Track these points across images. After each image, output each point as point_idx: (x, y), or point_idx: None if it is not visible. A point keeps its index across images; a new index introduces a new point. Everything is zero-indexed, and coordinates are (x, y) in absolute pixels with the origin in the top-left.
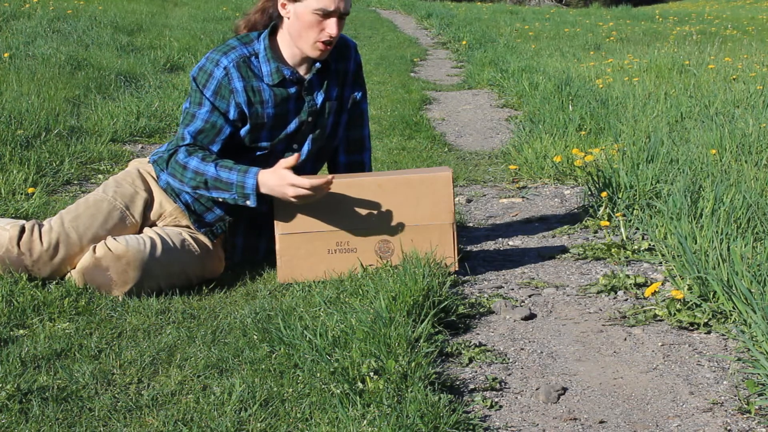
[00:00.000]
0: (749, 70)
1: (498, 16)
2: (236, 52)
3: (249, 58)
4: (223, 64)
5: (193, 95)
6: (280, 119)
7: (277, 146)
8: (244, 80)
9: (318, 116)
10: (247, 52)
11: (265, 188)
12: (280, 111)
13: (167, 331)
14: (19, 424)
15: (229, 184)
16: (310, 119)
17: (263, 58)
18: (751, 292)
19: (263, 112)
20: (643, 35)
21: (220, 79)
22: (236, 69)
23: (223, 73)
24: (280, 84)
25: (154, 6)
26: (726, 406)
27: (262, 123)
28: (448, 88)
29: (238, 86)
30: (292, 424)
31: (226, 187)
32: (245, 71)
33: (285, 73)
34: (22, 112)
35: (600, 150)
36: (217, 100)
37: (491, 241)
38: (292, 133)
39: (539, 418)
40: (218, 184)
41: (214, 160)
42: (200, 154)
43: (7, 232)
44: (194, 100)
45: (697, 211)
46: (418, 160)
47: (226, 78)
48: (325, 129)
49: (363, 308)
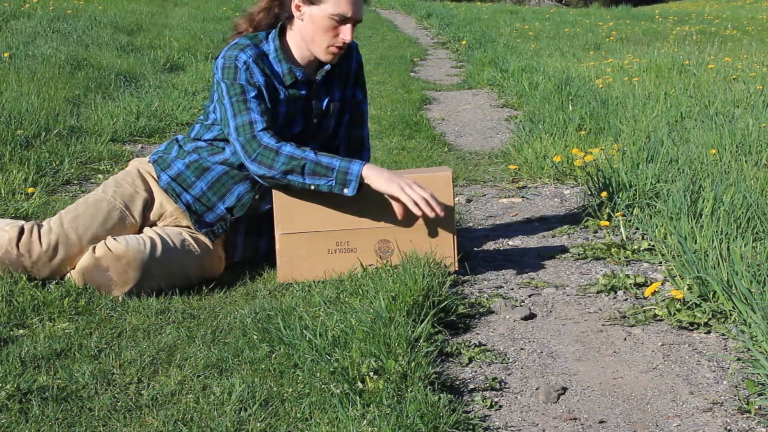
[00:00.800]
0: (749, 70)
1: (498, 16)
2: (251, 50)
3: (262, 57)
4: (243, 59)
5: (232, 89)
6: (289, 119)
7: None
8: (265, 76)
9: (323, 118)
10: (259, 51)
11: (372, 177)
12: (290, 111)
13: (167, 331)
14: (19, 424)
15: (330, 169)
16: (315, 120)
17: (274, 59)
18: (751, 292)
19: (277, 109)
20: (643, 35)
21: (244, 71)
22: (255, 64)
23: (245, 66)
24: (293, 85)
25: (154, 6)
26: (726, 406)
27: (273, 122)
28: (448, 88)
29: (260, 80)
30: (292, 424)
31: (325, 172)
32: (262, 67)
33: (297, 74)
34: (22, 112)
35: (600, 150)
36: (253, 88)
37: (491, 241)
38: (297, 135)
39: (539, 418)
40: (318, 168)
41: (311, 149)
42: (292, 143)
43: (7, 234)
44: (235, 92)
45: (696, 210)
46: (418, 160)
47: (248, 72)
48: (328, 130)
49: (363, 308)
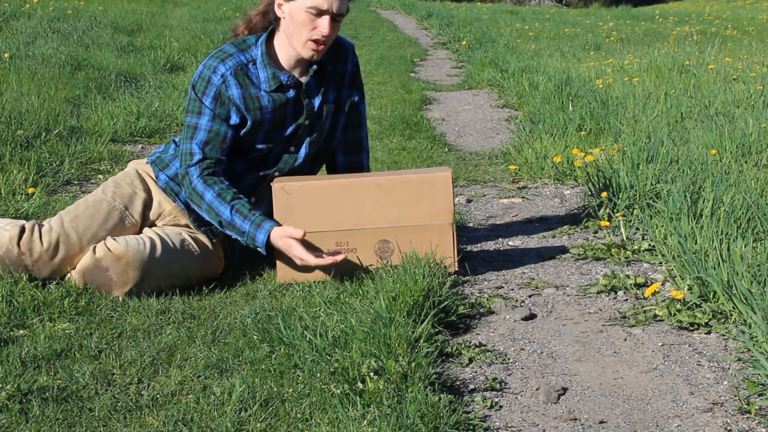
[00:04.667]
0: (749, 70)
1: (498, 17)
2: (233, 60)
3: (246, 65)
4: (221, 72)
5: (191, 104)
6: (278, 123)
7: (275, 149)
8: (241, 88)
9: (315, 119)
10: (244, 59)
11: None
12: (278, 115)
13: (167, 331)
14: (19, 424)
15: (241, 232)
16: (307, 122)
17: (260, 64)
18: (751, 293)
19: (261, 117)
20: (643, 35)
21: (218, 86)
22: (233, 77)
23: (221, 81)
24: (278, 89)
25: (154, 6)
26: (726, 406)
27: (260, 127)
28: (448, 88)
29: (235, 93)
30: (292, 424)
31: (238, 233)
32: (242, 79)
33: (282, 78)
34: (22, 112)
35: (600, 150)
36: (217, 108)
37: (491, 241)
38: (290, 136)
39: (539, 418)
40: (232, 229)
41: (230, 201)
42: (216, 188)
43: (7, 232)
44: (194, 109)
45: (697, 211)
46: (418, 160)
47: (224, 85)
48: (323, 131)
49: (363, 308)
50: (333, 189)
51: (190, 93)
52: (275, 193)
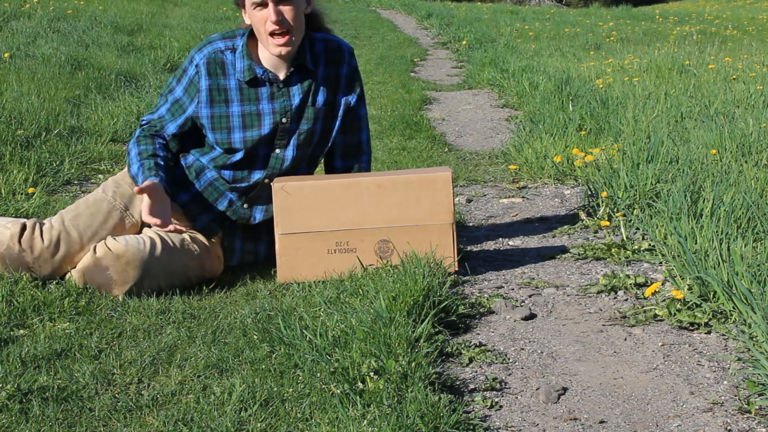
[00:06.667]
0: (749, 70)
1: (498, 16)
2: (211, 47)
3: (224, 52)
4: (195, 62)
5: (169, 83)
6: (251, 119)
7: (258, 150)
8: (210, 78)
9: (295, 119)
10: (222, 46)
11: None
12: (249, 110)
13: (167, 331)
14: (19, 424)
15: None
16: (284, 120)
17: (239, 54)
18: (751, 292)
19: (228, 110)
20: (643, 35)
21: (192, 76)
22: (205, 66)
23: (195, 71)
24: (252, 82)
25: (154, 6)
26: (726, 406)
27: (227, 123)
28: (448, 88)
29: (203, 85)
30: (292, 424)
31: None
32: (214, 68)
33: (257, 71)
34: (22, 112)
35: (600, 150)
36: (184, 96)
37: (491, 241)
38: (269, 136)
39: (539, 418)
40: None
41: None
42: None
43: (9, 230)
44: (169, 86)
45: (697, 211)
46: (418, 160)
47: (197, 76)
48: (313, 135)
49: (363, 308)
50: (333, 189)
51: (177, 70)
52: (275, 192)
